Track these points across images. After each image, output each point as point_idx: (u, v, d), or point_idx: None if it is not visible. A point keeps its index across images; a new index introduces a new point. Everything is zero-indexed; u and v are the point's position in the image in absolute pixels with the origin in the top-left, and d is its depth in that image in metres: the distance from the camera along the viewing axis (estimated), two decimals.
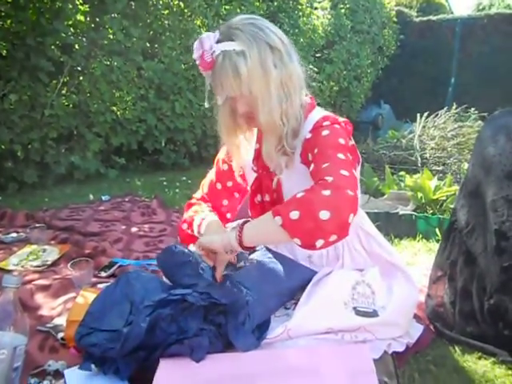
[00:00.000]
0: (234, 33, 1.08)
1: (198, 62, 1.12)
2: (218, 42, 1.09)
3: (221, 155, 1.42)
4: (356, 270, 1.23)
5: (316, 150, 1.09)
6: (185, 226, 1.34)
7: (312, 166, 1.08)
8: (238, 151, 1.29)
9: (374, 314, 1.12)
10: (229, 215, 1.45)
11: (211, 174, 1.45)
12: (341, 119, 1.17)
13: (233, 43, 1.07)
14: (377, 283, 1.18)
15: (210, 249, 1.12)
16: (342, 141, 1.10)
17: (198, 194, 1.46)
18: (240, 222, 1.09)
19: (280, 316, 1.16)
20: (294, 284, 1.22)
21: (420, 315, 1.44)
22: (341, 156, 1.05)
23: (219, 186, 1.41)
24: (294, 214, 0.94)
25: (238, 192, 1.44)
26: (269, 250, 1.29)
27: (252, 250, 1.19)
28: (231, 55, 1.06)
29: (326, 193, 0.94)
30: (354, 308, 1.12)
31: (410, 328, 1.25)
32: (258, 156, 1.30)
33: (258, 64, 1.07)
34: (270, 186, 1.24)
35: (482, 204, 1.35)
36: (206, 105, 1.20)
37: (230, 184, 1.41)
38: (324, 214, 0.92)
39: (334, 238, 0.95)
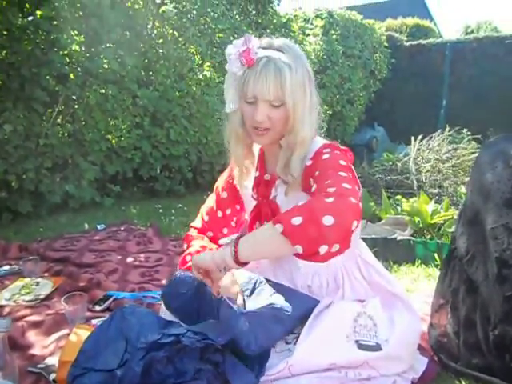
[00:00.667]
0: (282, 47, 1.11)
1: (234, 57, 1.11)
2: (264, 48, 1.10)
3: (219, 183, 1.42)
4: (357, 301, 1.20)
5: (317, 173, 1.09)
6: (189, 258, 1.32)
7: (314, 186, 1.07)
8: (245, 162, 1.29)
9: (377, 347, 1.09)
10: None
11: (210, 202, 1.43)
12: (342, 147, 1.18)
13: (280, 54, 1.09)
14: (378, 315, 1.15)
15: (203, 267, 1.10)
16: (342, 162, 1.10)
17: (197, 223, 1.44)
18: (234, 236, 1.06)
19: (281, 351, 1.12)
20: (294, 313, 1.19)
21: (423, 345, 1.40)
22: (342, 174, 1.05)
23: (220, 213, 1.40)
24: (297, 220, 0.92)
25: (236, 221, 1.43)
26: (268, 280, 1.26)
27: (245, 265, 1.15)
28: (277, 61, 1.07)
29: (329, 200, 0.93)
30: (357, 341, 1.09)
31: (414, 361, 1.21)
32: (258, 183, 1.29)
33: (300, 81, 1.10)
34: (269, 214, 1.23)
35: (482, 231, 1.33)
36: (227, 109, 1.20)
37: (228, 211, 1.41)
38: (327, 220, 0.89)
39: (336, 247, 0.93)
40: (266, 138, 1.16)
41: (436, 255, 2.32)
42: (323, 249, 0.91)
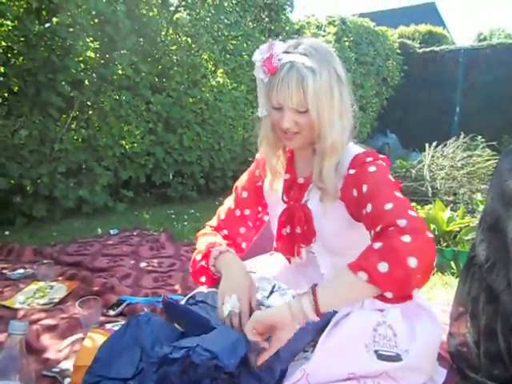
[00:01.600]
0: (308, 50, 1.06)
1: (259, 64, 1.09)
2: (288, 53, 1.07)
3: (240, 183, 1.40)
4: (376, 310, 1.17)
5: (366, 188, 1.04)
6: (199, 257, 1.27)
7: (369, 206, 1.01)
8: (276, 165, 1.26)
9: (397, 358, 1.06)
10: (244, 245, 1.40)
11: (229, 201, 1.41)
12: (380, 155, 1.14)
13: (304, 58, 1.05)
14: (398, 325, 1.12)
15: (271, 324, 0.96)
16: (391, 177, 1.07)
17: (213, 222, 1.42)
18: (306, 299, 0.97)
19: (298, 360, 1.09)
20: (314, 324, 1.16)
21: (443, 355, 1.38)
22: (399, 195, 1.02)
23: (238, 212, 1.37)
24: (383, 266, 0.88)
25: (254, 222, 1.41)
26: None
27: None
28: (300, 67, 1.04)
29: (407, 239, 0.89)
30: (376, 351, 1.06)
31: (433, 373, 1.18)
32: (289, 186, 1.26)
33: (326, 86, 1.05)
34: (303, 218, 1.18)
35: (503, 239, 1.30)
36: (260, 114, 1.18)
37: (247, 212, 1.37)
38: (412, 262, 0.86)
39: (423, 284, 0.92)
40: (295, 142, 1.14)
41: (452, 263, 2.28)
42: (414, 291, 0.91)
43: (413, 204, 3.20)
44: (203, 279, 1.28)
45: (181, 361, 0.94)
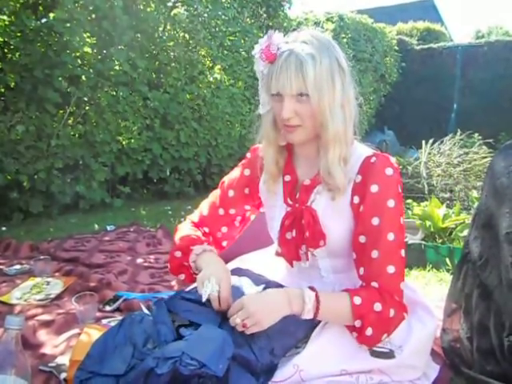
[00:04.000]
0: (308, 38, 1.04)
1: (258, 55, 1.07)
2: (287, 42, 1.05)
3: (227, 180, 1.35)
4: None
5: (377, 222, 1.05)
6: (178, 254, 1.25)
7: (375, 252, 1.05)
8: (275, 166, 1.21)
9: (390, 354, 1.08)
10: (225, 243, 1.38)
11: (213, 197, 1.37)
12: (392, 159, 1.10)
13: (304, 45, 1.02)
14: None
15: (261, 306, 1.03)
16: (391, 203, 1.05)
17: (194, 217, 1.37)
18: (311, 294, 1.04)
19: (290, 355, 1.09)
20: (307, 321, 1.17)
21: (436, 350, 1.39)
22: (390, 237, 1.05)
23: (221, 211, 1.33)
24: (369, 331, 1.03)
25: (240, 221, 1.38)
26: (281, 286, 1.20)
27: None
28: (299, 53, 1.01)
29: (392, 313, 1.05)
30: (369, 348, 1.07)
31: (426, 368, 1.20)
32: (292, 188, 1.20)
33: (327, 72, 1.02)
34: (311, 221, 1.13)
35: (496, 236, 1.30)
36: (261, 111, 1.15)
37: (232, 211, 1.34)
38: (394, 329, 1.08)
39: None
40: (296, 135, 1.08)
41: (447, 260, 2.29)
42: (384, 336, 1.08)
43: (409, 201, 3.22)
44: (182, 277, 1.28)
45: (169, 374, 0.93)
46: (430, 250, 2.35)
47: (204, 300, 1.07)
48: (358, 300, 1.02)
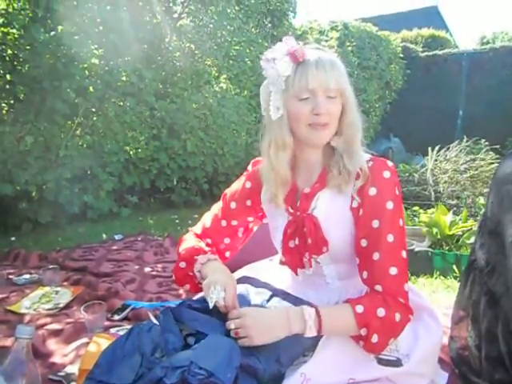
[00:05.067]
0: (321, 48, 1.11)
1: (280, 57, 1.08)
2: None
3: (229, 191, 1.35)
4: None
5: (377, 224, 1.07)
6: (183, 265, 1.26)
7: (376, 254, 1.06)
8: (287, 174, 1.18)
9: (397, 362, 1.08)
10: (227, 254, 1.39)
11: (216, 209, 1.37)
12: (389, 162, 1.13)
13: (322, 52, 1.09)
14: None
15: (261, 322, 1.05)
16: (390, 205, 1.07)
17: (197, 229, 1.38)
18: (310, 311, 1.05)
19: (297, 364, 1.09)
20: None
21: (444, 358, 1.38)
22: (390, 238, 1.06)
23: (224, 223, 1.34)
24: (374, 338, 1.03)
25: (243, 232, 1.39)
26: (287, 294, 1.20)
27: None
28: (325, 55, 1.08)
29: (398, 317, 1.05)
30: (376, 356, 1.07)
31: (435, 376, 1.19)
32: (293, 196, 1.19)
33: (346, 76, 1.10)
34: (313, 230, 1.13)
35: (502, 243, 1.30)
36: (273, 117, 1.13)
37: (235, 223, 1.34)
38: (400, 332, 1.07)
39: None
40: (326, 134, 1.10)
41: (455, 267, 2.29)
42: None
43: (415, 208, 3.21)
44: (187, 287, 1.30)
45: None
46: (436, 257, 2.35)
47: (211, 306, 1.07)
48: (360, 308, 1.03)
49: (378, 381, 1.05)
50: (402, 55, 8.21)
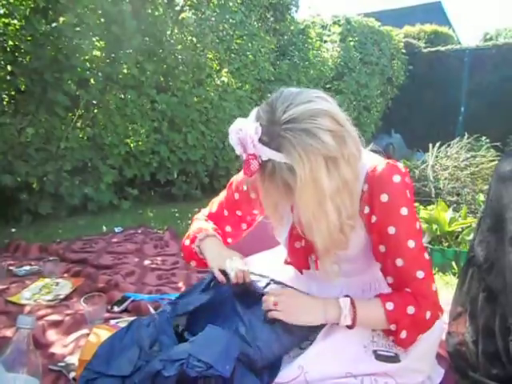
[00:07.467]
0: (282, 143, 0.91)
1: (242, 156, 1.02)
2: (263, 143, 0.95)
3: (235, 180, 1.33)
4: None
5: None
6: (187, 242, 1.30)
7: (399, 261, 1.04)
8: (281, 221, 1.18)
9: (395, 358, 1.08)
10: (229, 240, 1.39)
11: (222, 197, 1.39)
12: (399, 165, 1.07)
13: (280, 155, 0.92)
14: None
15: (295, 304, 1.09)
16: (404, 211, 1.03)
17: (206, 211, 1.42)
18: (345, 300, 1.07)
19: (295, 356, 1.09)
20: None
21: (441, 354, 1.39)
22: (411, 244, 1.04)
23: (226, 212, 1.35)
24: (403, 334, 1.06)
25: (247, 223, 1.38)
26: (287, 285, 1.22)
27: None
28: (281, 167, 0.92)
29: (428, 315, 1.07)
30: (374, 351, 1.08)
31: (431, 372, 1.20)
32: None
33: (309, 182, 0.91)
34: None
35: (501, 240, 1.31)
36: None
37: (239, 213, 1.34)
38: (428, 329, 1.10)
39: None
40: None
41: (454, 263, 2.29)
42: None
43: (416, 204, 3.21)
44: (194, 263, 1.32)
45: (176, 376, 0.94)
46: (436, 254, 2.35)
47: (233, 276, 1.11)
48: (390, 306, 1.05)
49: (375, 375, 1.06)
50: (404, 51, 8.18)
